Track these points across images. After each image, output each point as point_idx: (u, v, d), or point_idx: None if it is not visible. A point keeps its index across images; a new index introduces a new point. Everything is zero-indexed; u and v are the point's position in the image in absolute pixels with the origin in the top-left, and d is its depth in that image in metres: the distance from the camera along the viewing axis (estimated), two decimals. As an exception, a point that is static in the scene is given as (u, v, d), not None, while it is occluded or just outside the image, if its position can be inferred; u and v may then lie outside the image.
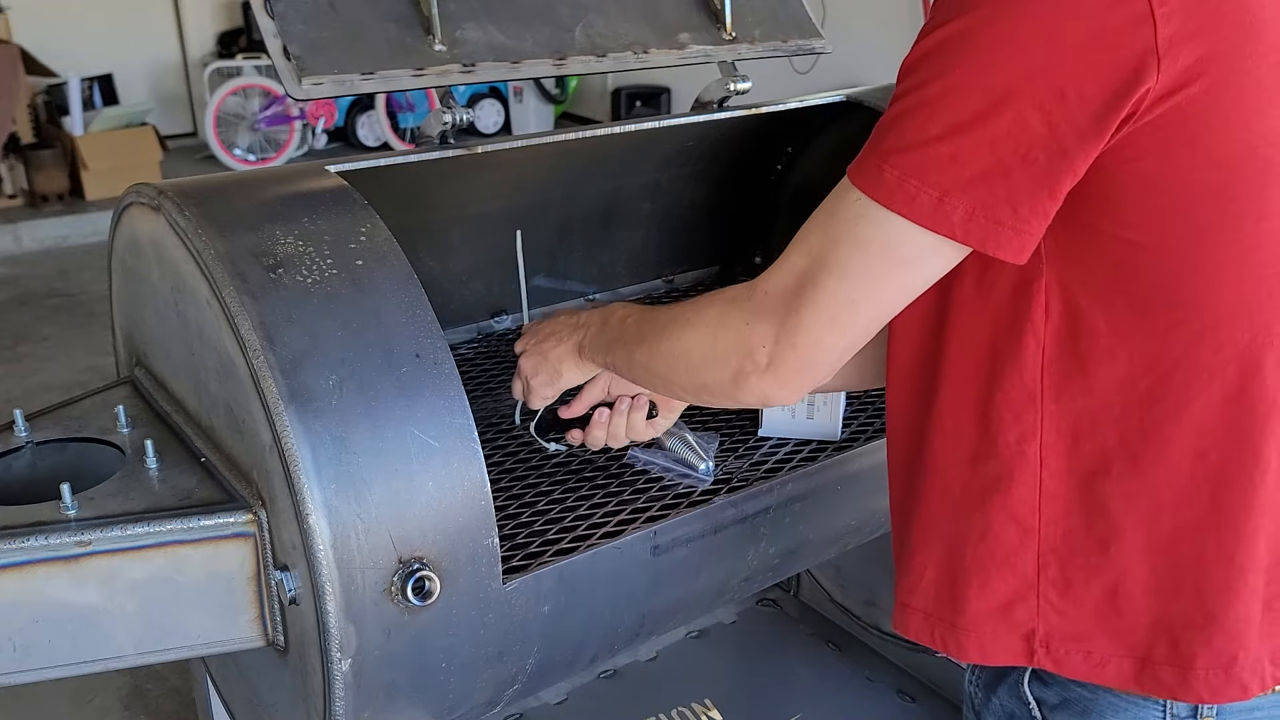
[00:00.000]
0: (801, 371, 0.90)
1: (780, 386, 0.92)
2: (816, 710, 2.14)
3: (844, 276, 0.86)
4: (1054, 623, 0.93)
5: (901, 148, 0.82)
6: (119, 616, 1.08)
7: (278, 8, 1.34)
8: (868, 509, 1.57)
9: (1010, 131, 0.78)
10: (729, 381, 0.94)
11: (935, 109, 0.80)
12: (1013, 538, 0.93)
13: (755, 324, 0.91)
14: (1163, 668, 0.91)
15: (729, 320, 0.94)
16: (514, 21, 1.52)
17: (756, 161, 2.10)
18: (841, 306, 0.86)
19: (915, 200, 0.81)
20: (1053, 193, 0.80)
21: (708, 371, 0.97)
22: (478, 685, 1.17)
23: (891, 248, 0.84)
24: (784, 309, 0.89)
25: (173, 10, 7.98)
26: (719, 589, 1.42)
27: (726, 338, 0.94)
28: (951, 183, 0.80)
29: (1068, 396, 0.89)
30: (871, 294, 0.86)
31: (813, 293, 0.87)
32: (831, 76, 5.72)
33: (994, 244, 0.81)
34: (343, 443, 1.01)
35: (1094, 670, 0.93)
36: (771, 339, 0.90)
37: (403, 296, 1.10)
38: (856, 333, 0.88)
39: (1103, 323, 0.86)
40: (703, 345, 0.97)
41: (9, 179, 6.33)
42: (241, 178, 1.24)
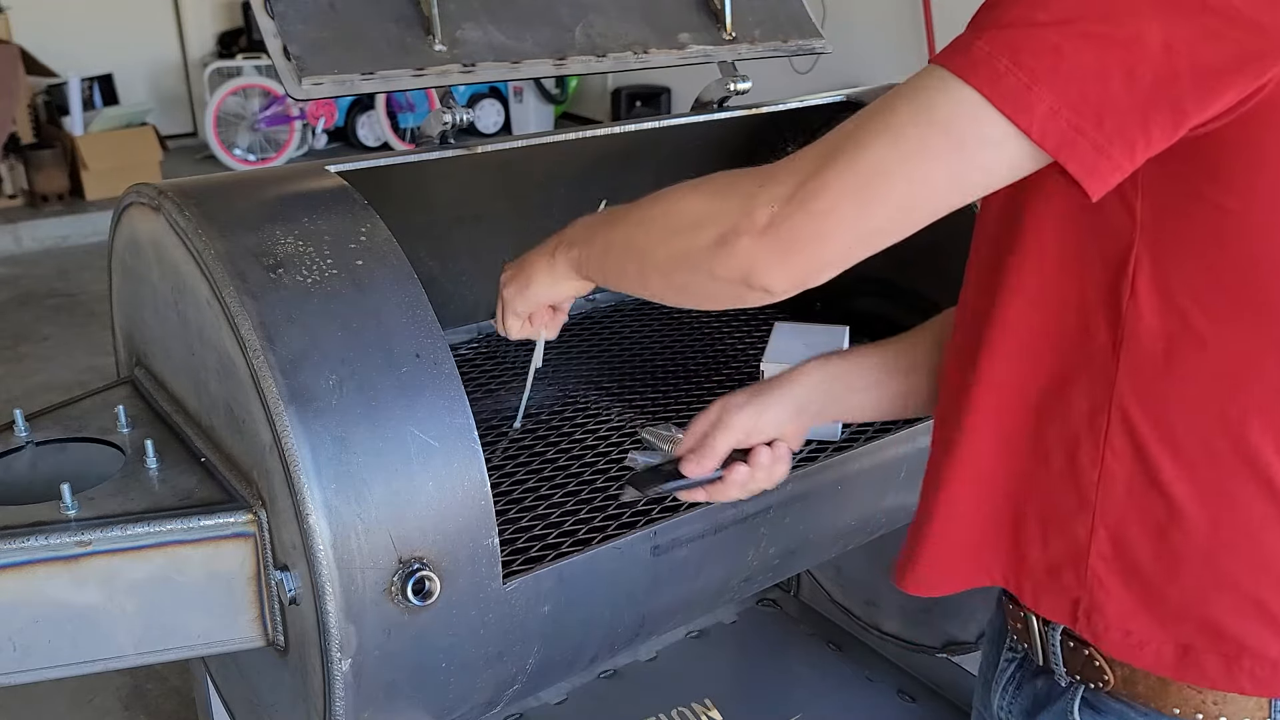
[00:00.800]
0: (804, 243, 0.78)
1: (773, 257, 0.79)
2: (816, 710, 2.14)
3: (894, 142, 0.75)
4: (1098, 596, 0.90)
5: (1003, 24, 0.73)
6: (119, 616, 1.08)
7: (278, 8, 1.35)
8: (868, 509, 1.57)
9: (1127, 40, 0.70)
10: (714, 243, 0.81)
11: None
12: (1069, 504, 0.90)
13: (769, 183, 0.79)
14: (1206, 655, 0.87)
15: (742, 182, 0.82)
16: (514, 21, 1.52)
17: (756, 161, 2.10)
18: (876, 173, 0.75)
19: (1002, 79, 0.71)
20: (1145, 123, 0.72)
21: (691, 234, 0.84)
22: (478, 685, 1.17)
23: (957, 123, 0.73)
24: (810, 168, 0.77)
25: (173, 10, 7.98)
26: (719, 589, 1.42)
27: (732, 196, 0.81)
28: (1046, 72, 0.71)
29: (1143, 377, 0.84)
30: (916, 169, 0.74)
31: (852, 151, 0.76)
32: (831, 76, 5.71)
33: (1068, 152, 0.72)
34: (343, 443, 1.01)
35: (1132, 651, 0.89)
36: (783, 197, 0.77)
37: (403, 296, 1.10)
38: (882, 214, 0.76)
39: (1194, 308, 0.81)
40: (700, 203, 0.85)
41: (9, 179, 6.33)
42: (241, 178, 1.24)
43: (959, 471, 0.95)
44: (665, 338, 1.95)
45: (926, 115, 0.74)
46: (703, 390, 1.75)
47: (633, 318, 2.03)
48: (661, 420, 1.63)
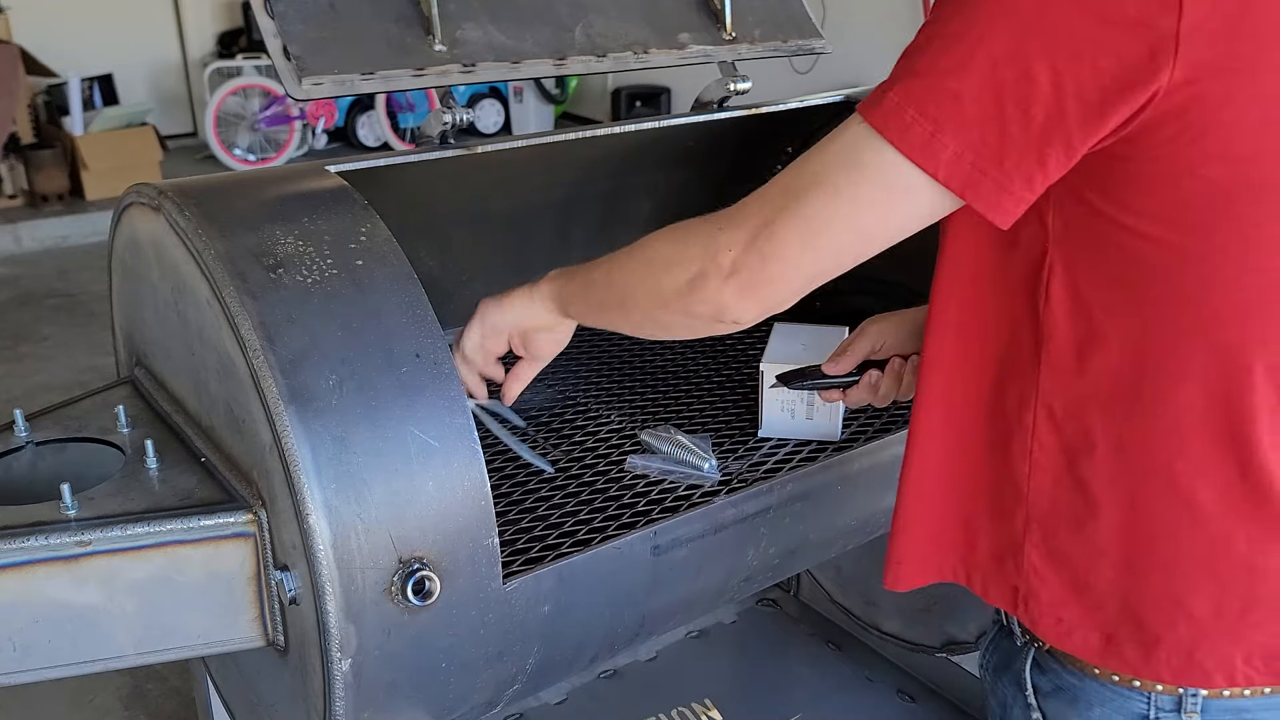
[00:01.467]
0: (763, 284, 0.88)
1: (738, 299, 0.89)
2: (816, 710, 2.14)
3: (831, 194, 0.84)
4: (1033, 584, 0.97)
5: (911, 74, 0.81)
6: (119, 616, 1.08)
7: (278, 8, 1.34)
8: (868, 509, 1.57)
9: (1018, 81, 0.77)
10: (686, 286, 0.92)
11: (950, 44, 0.79)
12: (1009, 496, 0.97)
13: (728, 229, 0.89)
14: (1127, 645, 0.93)
15: (703, 227, 0.92)
16: (514, 21, 1.52)
17: (756, 161, 2.10)
18: (820, 223, 0.85)
19: (910, 130, 0.80)
20: (1041, 157, 0.79)
21: (667, 275, 0.94)
22: (478, 685, 1.17)
23: (879, 174, 0.82)
24: (761, 217, 0.87)
25: (173, 10, 7.98)
26: (719, 589, 1.42)
27: (695, 242, 0.92)
28: (949, 119, 0.79)
29: (1062, 376, 0.91)
30: (852, 218, 0.84)
31: (795, 205, 0.86)
32: (831, 76, 5.72)
33: (973, 192, 0.80)
34: (343, 443, 1.01)
35: (1062, 637, 0.96)
36: (741, 244, 0.88)
37: (403, 296, 1.10)
38: (827, 256, 0.86)
39: (1098, 309, 0.87)
40: (670, 249, 0.95)
41: (9, 179, 6.33)
42: (241, 178, 1.24)
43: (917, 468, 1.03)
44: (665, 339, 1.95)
45: (854, 168, 0.83)
46: (702, 391, 1.75)
47: (633, 318, 2.03)
48: (660, 422, 1.63)
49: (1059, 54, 0.76)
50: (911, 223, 0.85)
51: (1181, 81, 0.75)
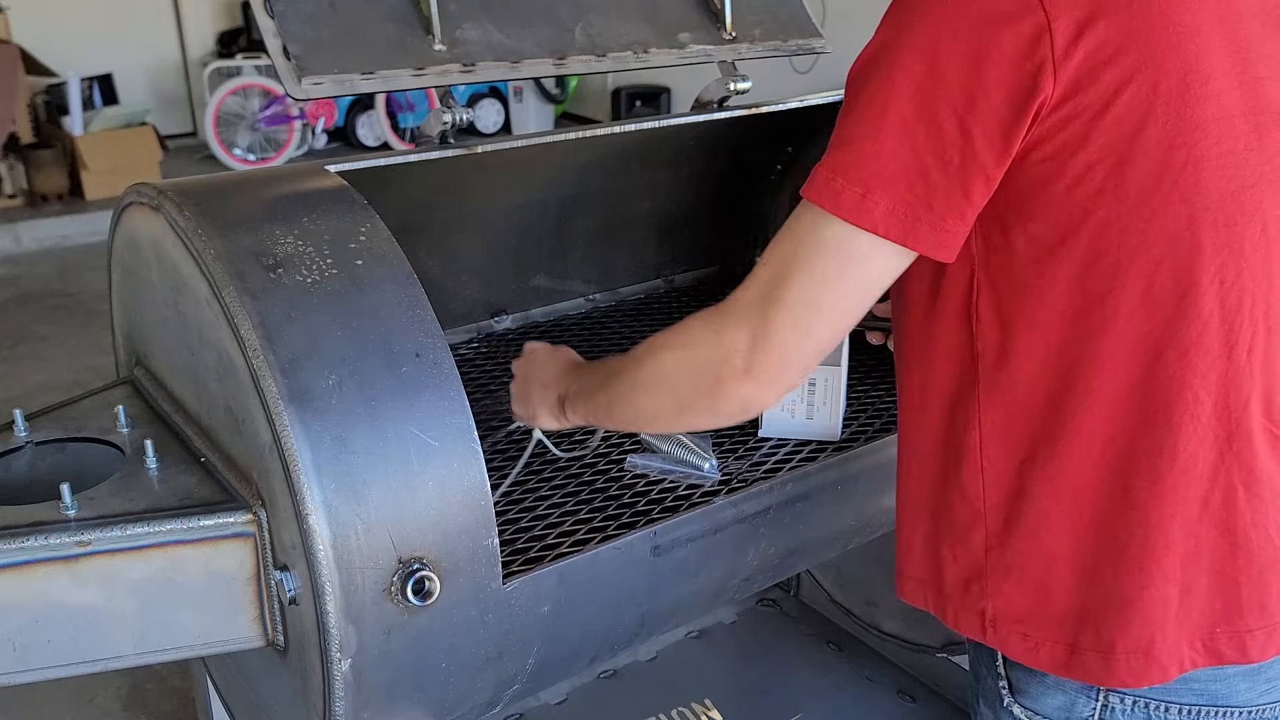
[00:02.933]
0: (777, 373, 0.94)
1: (759, 389, 0.95)
2: (816, 710, 2.14)
3: (806, 276, 0.91)
4: (999, 604, 0.99)
5: (834, 146, 0.90)
6: (119, 616, 1.08)
7: (278, 8, 1.34)
8: (868, 509, 1.57)
9: (928, 133, 0.85)
10: (708, 391, 0.97)
11: (863, 112, 0.88)
12: (966, 517, 1.00)
13: (729, 331, 0.95)
14: (1088, 654, 0.96)
15: (704, 335, 0.97)
16: (514, 21, 1.52)
17: (756, 161, 2.10)
18: (805, 306, 0.91)
19: (840, 196, 0.87)
20: (967, 192, 0.87)
21: (687, 384, 0.99)
22: (478, 685, 1.17)
23: (839, 247, 0.89)
24: (755, 314, 0.93)
25: (173, 10, 7.98)
26: (719, 589, 1.42)
27: (703, 350, 0.97)
28: (873, 179, 0.86)
29: (998, 389, 0.96)
30: (830, 293, 0.91)
31: (781, 295, 0.91)
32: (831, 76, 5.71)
33: (913, 239, 0.87)
34: (343, 443, 1.01)
35: (1030, 653, 0.99)
36: (746, 344, 0.93)
37: (403, 296, 1.10)
38: (823, 331, 0.92)
39: (1020, 319, 0.93)
40: (680, 362, 1.00)
41: (9, 179, 6.33)
42: (241, 178, 1.24)
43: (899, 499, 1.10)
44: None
45: (815, 247, 0.90)
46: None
47: (632, 318, 2.03)
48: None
49: (956, 103, 0.84)
50: (883, 280, 0.92)
51: (1061, 98, 0.84)
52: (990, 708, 1.08)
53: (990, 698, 1.07)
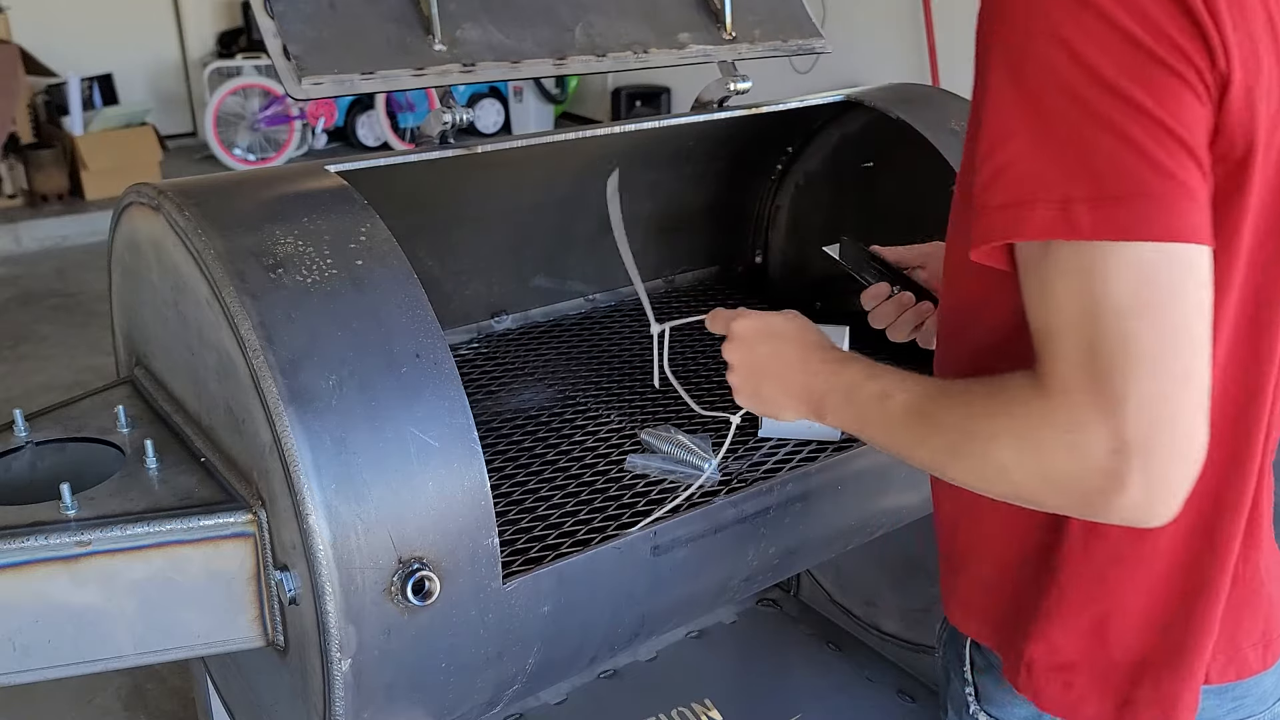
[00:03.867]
0: (1166, 468, 0.72)
1: (1152, 499, 0.73)
2: (816, 710, 2.14)
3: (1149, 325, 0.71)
4: (1041, 649, 0.92)
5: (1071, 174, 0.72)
6: (119, 616, 1.08)
7: (278, 8, 1.34)
8: (868, 509, 1.57)
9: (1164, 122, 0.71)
10: (1082, 508, 0.76)
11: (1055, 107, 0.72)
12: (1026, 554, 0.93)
13: (1080, 432, 0.72)
14: (1144, 709, 0.89)
15: (1047, 434, 0.75)
16: (514, 21, 1.52)
17: (756, 161, 2.10)
18: (1166, 366, 0.71)
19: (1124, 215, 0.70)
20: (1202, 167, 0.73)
21: (1046, 500, 0.78)
22: (478, 685, 1.17)
23: (1170, 278, 0.71)
24: (1099, 403, 0.71)
25: (173, 10, 7.98)
26: (719, 589, 1.42)
27: (1056, 460, 0.74)
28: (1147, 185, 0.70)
29: None
30: (1185, 336, 0.71)
31: (1133, 362, 0.71)
32: (831, 76, 5.71)
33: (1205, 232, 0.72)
34: (343, 443, 1.01)
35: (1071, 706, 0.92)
36: (1107, 446, 0.71)
37: (403, 296, 1.10)
38: (1197, 384, 0.72)
39: None
40: (1025, 464, 0.77)
41: (9, 179, 6.32)
42: (241, 178, 1.24)
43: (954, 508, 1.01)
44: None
45: (1150, 290, 0.70)
46: (702, 391, 1.75)
47: (632, 317, 2.03)
48: (661, 421, 1.63)
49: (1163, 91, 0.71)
50: (1210, 288, 0.73)
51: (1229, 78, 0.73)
52: (957, 713, 1.04)
53: (957, 703, 1.04)
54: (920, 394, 0.86)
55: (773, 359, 1.03)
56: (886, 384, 0.90)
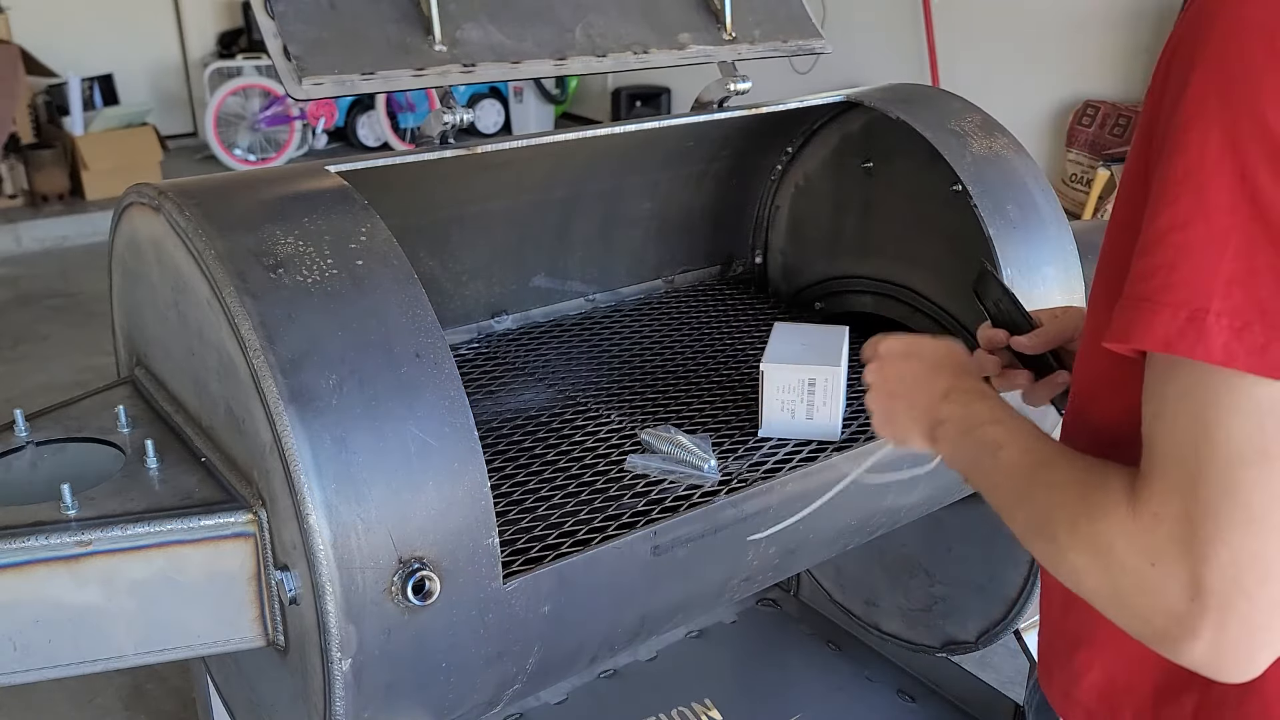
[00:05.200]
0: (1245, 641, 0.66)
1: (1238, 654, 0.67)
2: (816, 710, 2.14)
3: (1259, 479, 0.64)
4: None
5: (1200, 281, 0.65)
6: (119, 616, 1.08)
7: (278, 8, 1.35)
8: (868, 509, 1.57)
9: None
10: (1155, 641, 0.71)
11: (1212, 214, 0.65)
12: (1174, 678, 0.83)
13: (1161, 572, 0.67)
14: None
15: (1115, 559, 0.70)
16: (514, 21, 1.52)
17: (756, 161, 2.10)
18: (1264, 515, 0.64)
19: (1269, 350, 0.63)
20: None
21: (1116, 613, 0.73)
22: (478, 685, 1.17)
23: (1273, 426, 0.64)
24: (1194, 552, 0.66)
25: (173, 10, 7.98)
26: (719, 589, 1.42)
27: (1129, 585, 0.70)
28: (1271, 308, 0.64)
29: None
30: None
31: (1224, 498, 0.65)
32: (831, 76, 5.71)
33: None
34: (343, 443, 1.01)
35: None
36: (1192, 595, 0.66)
37: (403, 296, 1.10)
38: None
39: None
40: (1102, 588, 0.72)
41: (9, 179, 6.33)
42: (241, 178, 1.24)
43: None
44: (665, 338, 1.95)
45: (1272, 440, 0.64)
46: (702, 391, 1.75)
47: (633, 318, 2.03)
48: (661, 422, 1.63)
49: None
50: None
51: None
52: None
53: None
54: (1030, 460, 0.82)
55: (905, 379, 1.00)
56: (1004, 434, 0.85)
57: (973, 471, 0.89)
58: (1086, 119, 4.69)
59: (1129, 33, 4.55)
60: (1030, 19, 4.91)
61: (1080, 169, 4.69)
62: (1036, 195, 1.64)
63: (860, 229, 2.02)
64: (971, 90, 2.05)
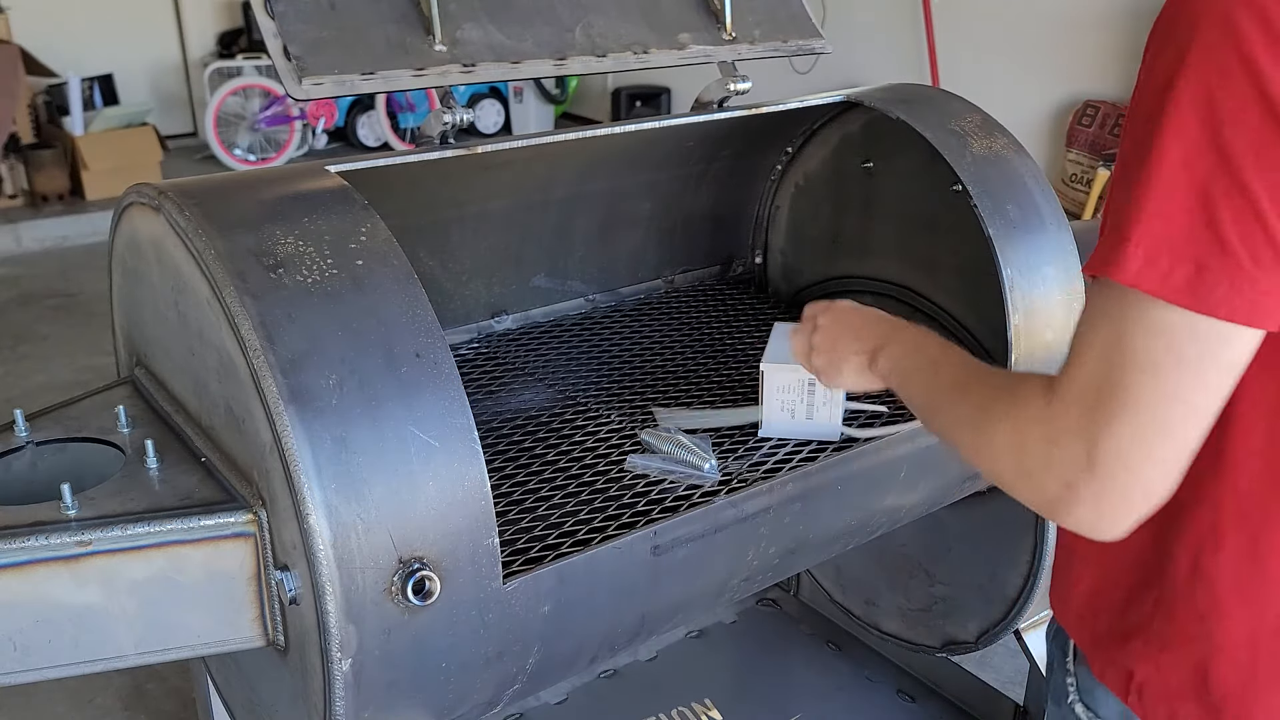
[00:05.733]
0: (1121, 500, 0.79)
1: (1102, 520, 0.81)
2: (816, 710, 2.14)
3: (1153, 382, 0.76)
4: (1149, 673, 0.95)
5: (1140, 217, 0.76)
6: (119, 616, 1.08)
7: (278, 8, 1.35)
8: (868, 509, 1.57)
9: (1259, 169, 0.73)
10: (1045, 507, 0.84)
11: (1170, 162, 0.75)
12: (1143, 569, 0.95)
13: (1060, 447, 0.81)
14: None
15: (1030, 438, 0.83)
16: (514, 21, 1.52)
17: (756, 161, 2.10)
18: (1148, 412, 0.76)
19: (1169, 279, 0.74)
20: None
21: (1019, 489, 0.86)
22: (478, 685, 1.17)
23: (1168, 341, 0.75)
24: (1088, 432, 0.79)
25: (173, 10, 7.98)
26: (719, 589, 1.42)
27: (1032, 460, 0.83)
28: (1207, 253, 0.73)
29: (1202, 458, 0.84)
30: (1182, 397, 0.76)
31: (1112, 410, 0.77)
32: (831, 76, 5.71)
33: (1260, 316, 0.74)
34: (343, 443, 1.01)
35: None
36: (1084, 467, 0.79)
37: (403, 296, 1.10)
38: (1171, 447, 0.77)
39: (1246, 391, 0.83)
40: (1008, 461, 0.86)
41: (9, 179, 6.33)
42: (241, 178, 1.24)
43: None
44: (665, 338, 1.96)
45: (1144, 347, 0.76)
46: (702, 391, 1.75)
47: (632, 318, 2.03)
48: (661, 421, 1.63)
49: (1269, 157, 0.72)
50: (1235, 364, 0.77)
51: None
52: (1056, 703, 1.07)
53: (1057, 694, 1.07)
54: (965, 372, 0.98)
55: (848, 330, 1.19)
56: (940, 353, 1.03)
57: (910, 385, 1.06)
58: (1086, 119, 4.69)
59: (1129, 33, 4.55)
60: (1030, 19, 4.91)
61: (1080, 169, 4.70)
62: (1036, 195, 1.64)
63: (860, 229, 2.02)
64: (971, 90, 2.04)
